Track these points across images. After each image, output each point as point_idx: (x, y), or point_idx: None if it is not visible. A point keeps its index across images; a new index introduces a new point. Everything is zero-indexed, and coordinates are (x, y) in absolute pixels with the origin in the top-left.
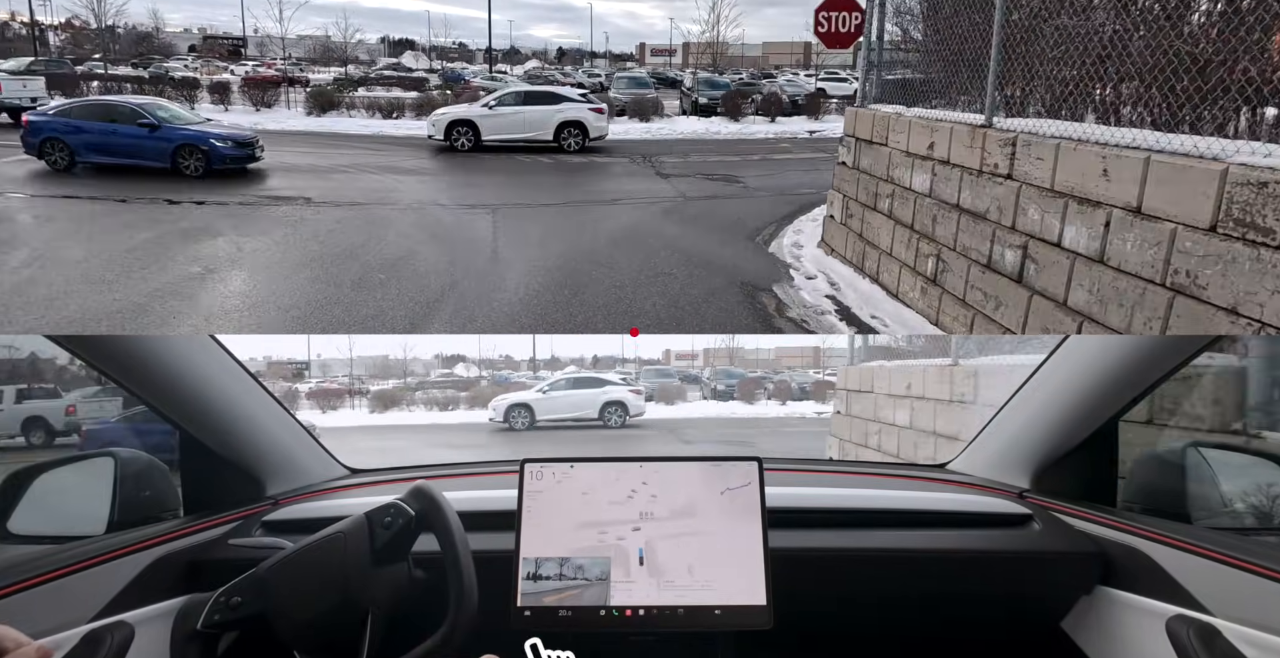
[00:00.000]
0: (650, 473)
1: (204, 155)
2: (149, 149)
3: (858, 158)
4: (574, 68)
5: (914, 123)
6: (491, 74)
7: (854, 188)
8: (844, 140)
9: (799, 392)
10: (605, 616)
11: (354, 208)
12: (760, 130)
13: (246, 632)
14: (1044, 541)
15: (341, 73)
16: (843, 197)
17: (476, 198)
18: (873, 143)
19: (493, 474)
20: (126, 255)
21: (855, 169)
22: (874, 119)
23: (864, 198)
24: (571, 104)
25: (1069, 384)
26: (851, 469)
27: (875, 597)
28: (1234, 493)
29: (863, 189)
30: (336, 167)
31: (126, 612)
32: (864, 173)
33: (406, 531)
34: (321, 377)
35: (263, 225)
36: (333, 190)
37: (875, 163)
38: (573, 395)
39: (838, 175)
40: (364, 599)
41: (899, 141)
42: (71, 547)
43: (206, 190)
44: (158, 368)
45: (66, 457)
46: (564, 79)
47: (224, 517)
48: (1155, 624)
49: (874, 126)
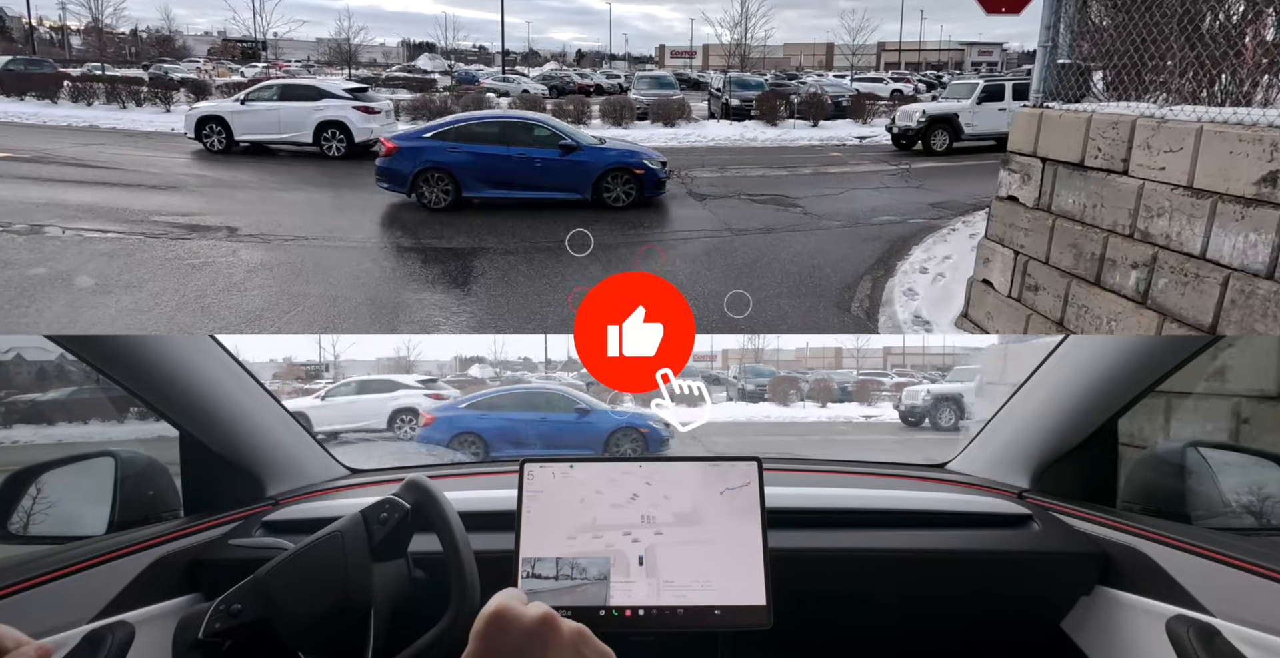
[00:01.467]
0: (651, 474)
1: (636, 180)
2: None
3: (1050, 192)
4: (592, 69)
5: (1207, 132)
6: (504, 75)
7: (1039, 241)
8: (1010, 162)
9: (840, 393)
10: (605, 616)
11: (290, 243)
12: (802, 136)
13: (249, 637)
14: (1044, 541)
15: (344, 74)
16: (1012, 253)
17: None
18: (1088, 168)
19: (492, 474)
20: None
21: (1045, 211)
22: (1089, 127)
23: (1066, 261)
24: (334, 101)
25: (1069, 384)
26: (851, 469)
27: (875, 597)
28: (1234, 493)
29: (1064, 246)
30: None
31: (127, 612)
32: (1065, 218)
33: (403, 525)
34: (337, 379)
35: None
36: (274, 215)
37: (1099, 202)
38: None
39: (999, 216)
40: (365, 596)
41: (1160, 166)
42: (72, 547)
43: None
44: (158, 368)
45: (67, 457)
46: (581, 81)
47: (224, 517)
48: (1155, 624)
49: (1091, 139)
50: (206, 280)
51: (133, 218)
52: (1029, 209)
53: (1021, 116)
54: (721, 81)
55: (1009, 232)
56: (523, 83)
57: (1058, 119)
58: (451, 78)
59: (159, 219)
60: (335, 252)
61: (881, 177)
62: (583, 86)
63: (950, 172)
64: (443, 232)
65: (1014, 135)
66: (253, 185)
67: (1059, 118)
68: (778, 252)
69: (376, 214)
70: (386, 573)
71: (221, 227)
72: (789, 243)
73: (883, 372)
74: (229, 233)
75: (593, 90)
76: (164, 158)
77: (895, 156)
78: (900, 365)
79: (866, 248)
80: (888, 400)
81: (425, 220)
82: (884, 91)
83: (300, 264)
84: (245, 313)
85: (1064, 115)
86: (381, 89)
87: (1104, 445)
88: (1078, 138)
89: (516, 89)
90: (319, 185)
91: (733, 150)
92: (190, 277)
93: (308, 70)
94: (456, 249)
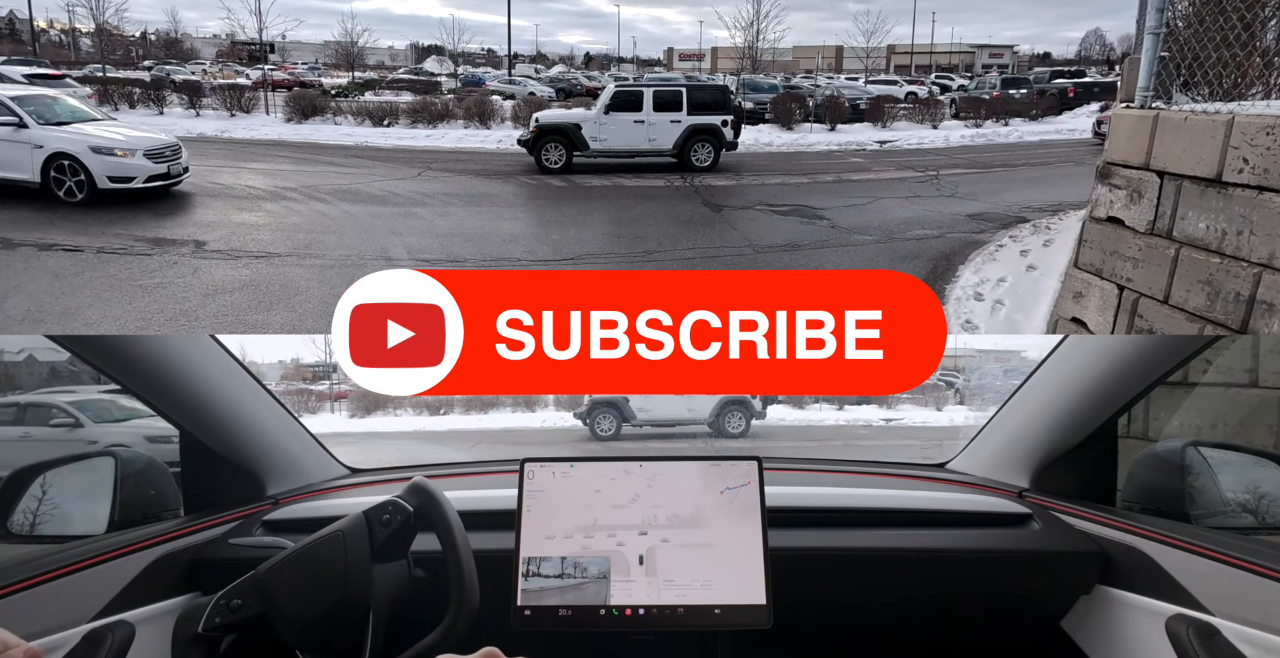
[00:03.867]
0: (652, 475)
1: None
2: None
3: (1172, 214)
4: (600, 72)
5: None
6: (510, 78)
7: (1155, 276)
8: (1112, 175)
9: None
10: (605, 615)
11: (261, 261)
12: (820, 141)
13: (248, 633)
14: (1043, 540)
15: (349, 77)
16: (1115, 288)
17: (441, 250)
18: (1229, 184)
19: (493, 474)
20: None
21: (1163, 238)
22: (1230, 132)
23: (1196, 301)
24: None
25: (1069, 384)
26: (851, 468)
27: (874, 596)
28: (1234, 492)
29: (1192, 282)
30: (281, 190)
31: (127, 611)
32: (1195, 247)
33: (405, 527)
34: (341, 379)
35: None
36: (247, 229)
37: (1246, 229)
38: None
39: (1096, 242)
40: (364, 597)
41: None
42: (72, 546)
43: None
44: (158, 368)
45: (67, 456)
46: (589, 83)
47: (224, 516)
48: (1155, 624)
49: (1234, 148)
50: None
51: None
52: (1140, 234)
53: (1125, 120)
54: (734, 84)
55: (1110, 261)
56: (529, 85)
57: (1181, 123)
58: (457, 80)
59: (118, 232)
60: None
61: (909, 184)
62: (590, 89)
63: (983, 178)
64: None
65: (1114, 142)
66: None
67: (1183, 121)
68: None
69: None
70: (387, 574)
71: (189, 240)
72: (818, 262)
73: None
74: (196, 246)
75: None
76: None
77: (922, 163)
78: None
79: (906, 268)
80: (909, 401)
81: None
82: (899, 94)
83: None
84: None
85: (1191, 118)
86: (384, 91)
87: (1104, 445)
88: (1213, 147)
89: (522, 91)
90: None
91: (747, 155)
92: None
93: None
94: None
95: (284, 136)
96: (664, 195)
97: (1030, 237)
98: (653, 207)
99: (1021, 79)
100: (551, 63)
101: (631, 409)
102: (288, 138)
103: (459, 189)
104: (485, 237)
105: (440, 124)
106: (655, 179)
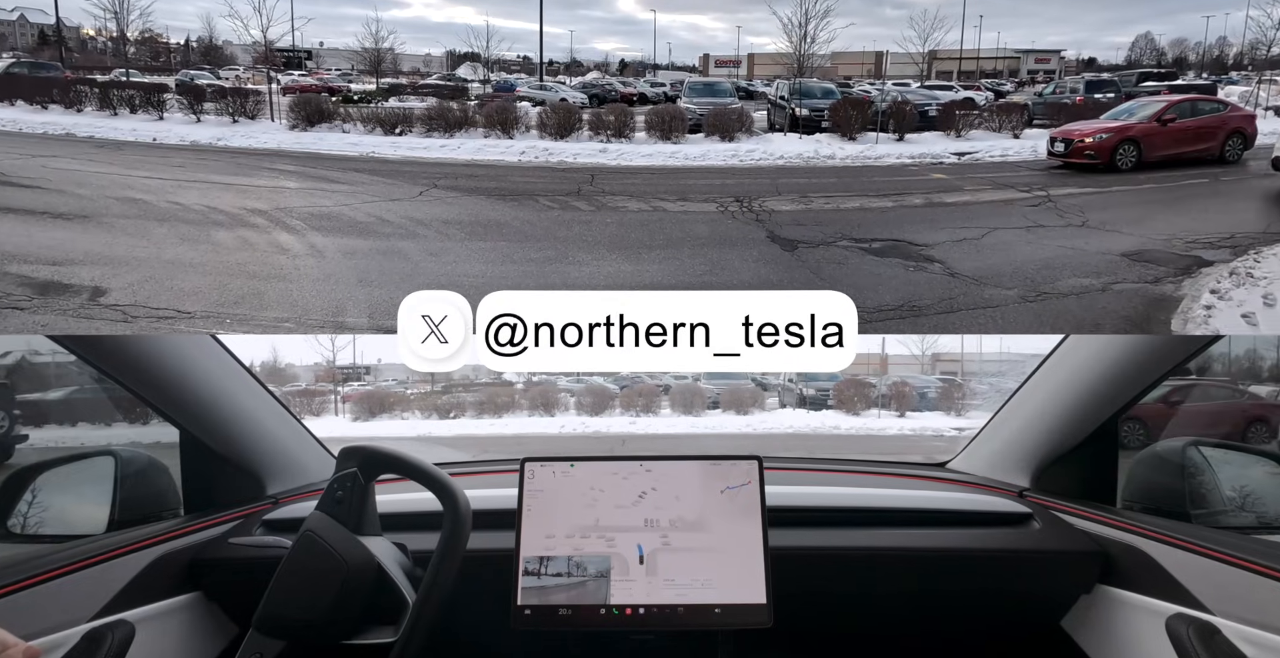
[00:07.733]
0: (651, 473)
1: None
2: None
3: None
4: (635, 78)
5: None
6: (541, 83)
7: None
8: None
9: (919, 399)
10: (605, 614)
11: (162, 324)
12: (888, 152)
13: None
14: (1044, 539)
15: (375, 83)
16: None
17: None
18: None
19: (493, 473)
20: None
21: None
22: None
23: None
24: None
25: (1069, 383)
26: (851, 468)
27: (875, 596)
28: (1234, 492)
29: None
30: (246, 213)
31: (127, 611)
32: None
33: (358, 488)
34: (372, 381)
35: None
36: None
37: None
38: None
39: None
40: (369, 558)
41: None
42: (71, 546)
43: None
44: (158, 368)
45: (66, 456)
46: (624, 89)
47: (224, 516)
48: (1155, 623)
49: None
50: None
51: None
52: None
53: None
54: (786, 89)
55: None
56: (560, 91)
57: None
58: (491, 87)
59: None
60: None
61: (1021, 210)
62: (626, 95)
63: (1107, 200)
64: None
65: None
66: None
67: None
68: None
69: None
70: (377, 545)
71: (88, 286)
72: (952, 331)
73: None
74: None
75: (636, 99)
76: (107, 175)
77: (1022, 181)
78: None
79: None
80: (978, 407)
81: None
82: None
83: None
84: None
85: None
86: (409, 97)
87: (1104, 444)
88: None
89: (554, 97)
90: None
91: (809, 170)
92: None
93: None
94: None
95: (283, 146)
96: (718, 226)
97: (1236, 289)
98: (705, 246)
99: (1108, 81)
100: (586, 69)
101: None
102: (287, 147)
103: (463, 215)
104: (481, 289)
105: (458, 132)
106: (705, 204)
